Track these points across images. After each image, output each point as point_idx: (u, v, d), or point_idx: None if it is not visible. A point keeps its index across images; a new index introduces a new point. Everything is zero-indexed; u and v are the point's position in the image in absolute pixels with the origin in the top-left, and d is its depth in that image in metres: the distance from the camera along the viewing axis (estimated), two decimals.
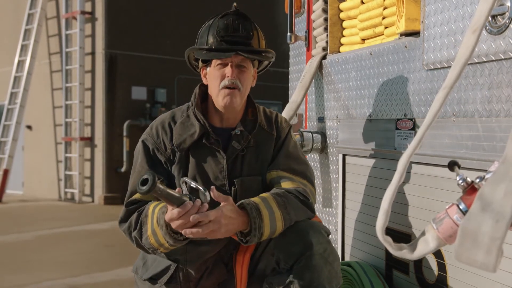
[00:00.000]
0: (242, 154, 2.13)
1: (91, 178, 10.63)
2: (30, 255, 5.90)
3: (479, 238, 1.16)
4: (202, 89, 2.21)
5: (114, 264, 5.46)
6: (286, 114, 2.87)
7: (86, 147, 10.71)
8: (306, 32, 3.12)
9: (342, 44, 2.90)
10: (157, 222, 1.90)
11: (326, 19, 2.90)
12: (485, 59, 1.81)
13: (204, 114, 2.14)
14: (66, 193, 11.00)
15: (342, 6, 2.87)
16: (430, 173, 2.10)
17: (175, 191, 1.78)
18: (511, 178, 1.16)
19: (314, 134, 2.91)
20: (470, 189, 1.29)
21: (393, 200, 1.32)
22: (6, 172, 11.04)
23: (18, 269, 5.33)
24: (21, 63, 11.47)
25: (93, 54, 10.57)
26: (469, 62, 1.45)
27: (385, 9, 2.48)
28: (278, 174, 2.13)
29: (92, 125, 10.65)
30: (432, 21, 2.06)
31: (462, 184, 1.29)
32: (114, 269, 5.27)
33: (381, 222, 1.32)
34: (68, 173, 10.94)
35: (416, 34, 2.22)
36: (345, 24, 2.88)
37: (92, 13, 10.59)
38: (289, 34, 3.11)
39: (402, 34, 2.29)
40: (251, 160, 2.14)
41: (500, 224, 1.14)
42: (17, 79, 11.51)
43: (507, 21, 1.70)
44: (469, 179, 1.29)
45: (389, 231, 2.23)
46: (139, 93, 10.65)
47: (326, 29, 2.91)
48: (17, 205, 10.37)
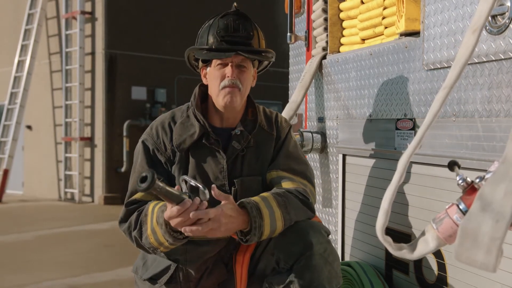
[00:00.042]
0: (242, 154, 2.13)
1: (91, 178, 10.63)
2: (30, 255, 5.90)
3: (479, 238, 1.16)
4: (202, 89, 2.21)
5: (114, 264, 5.46)
6: (286, 114, 2.87)
7: (86, 147, 10.71)
8: (306, 32, 3.12)
9: (342, 44, 2.90)
10: (156, 220, 1.90)
11: (326, 19, 2.90)
12: (485, 59, 1.81)
13: (204, 114, 2.14)
14: (66, 193, 11.00)
15: (342, 6, 2.87)
16: (430, 173, 2.10)
17: (174, 189, 1.77)
18: (511, 178, 1.16)
19: (314, 134, 2.91)
20: (470, 189, 1.29)
21: (393, 200, 1.32)
22: (6, 172, 11.04)
23: (18, 269, 5.33)
24: (21, 63, 11.47)
25: (93, 54, 10.57)
26: (469, 62, 1.45)
27: (385, 9, 2.48)
28: (278, 174, 2.13)
29: (92, 125, 10.65)
30: (432, 21, 2.06)
31: (462, 184, 1.29)
32: (114, 269, 5.27)
33: (381, 222, 1.32)
34: (68, 173, 10.94)
35: (416, 34, 2.22)
36: (345, 24, 2.88)
37: (92, 13, 10.59)
38: (289, 34, 3.11)
39: (402, 34, 2.29)
40: (251, 160, 2.14)
41: (500, 224, 1.14)
42: (17, 79, 11.51)
43: (507, 21, 1.70)
44: (469, 179, 1.29)
45: (389, 231, 2.23)
46: (139, 93, 10.65)
47: (326, 29, 2.91)
48: (17, 205, 10.37)
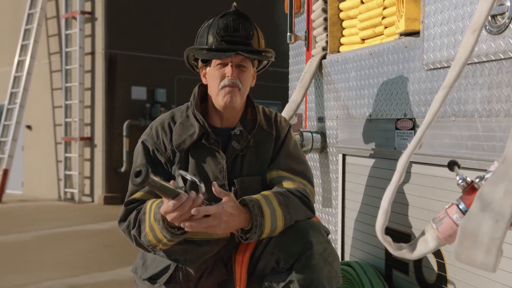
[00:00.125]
0: (241, 154, 2.13)
1: (91, 178, 10.63)
2: (30, 255, 5.90)
3: (479, 238, 1.16)
4: (202, 89, 2.21)
5: (113, 264, 5.46)
6: (286, 114, 2.87)
7: (86, 147, 10.71)
8: (306, 32, 3.12)
9: (341, 44, 2.90)
10: (154, 217, 1.90)
11: (325, 19, 2.90)
12: (484, 59, 1.80)
13: (203, 114, 2.14)
14: (66, 193, 11.00)
15: (342, 6, 2.86)
16: (430, 173, 2.10)
17: (170, 184, 1.75)
18: (511, 178, 1.15)
19: (314, 134, 2.91)
20: (470, 189, 1.28)
21: (392, 200, 1.32)
22: (6, 172, 11.03)
23: (18, 269, 5.32)
24: (21, 63, 11.47)
25: (93, 54, 10.57)
26: (468, 62, 1.45)
27: (384, 9, 2.48)
28: (279, 174, 2.13)
29: (92, 125, 10.64)
30: (432, 21, 2.06)
31: (462, 184, 1.29)
32: (114, 269, 5.27)
33: (380, 222, 1.32)
34: (68, 173, 10.94)
35: (416, 34, 2.22)
36: (345, 24, 2.87)
37: (92, 13, 10.58)
38: (289, 34, 3.11)
39: (402, 34, 2.29)
40: (251, 160, 2.14)
41: (499, 224, 1.14)
42: (17, 79, 11.51)
43: (507, 21, 1.70)
44: (468, 179, 1.29)
45: (388, 231, 2.23)
46: (139, 93, 10.64)
47: (325, 29, 2.91)
48: (16, 205, 10.36)
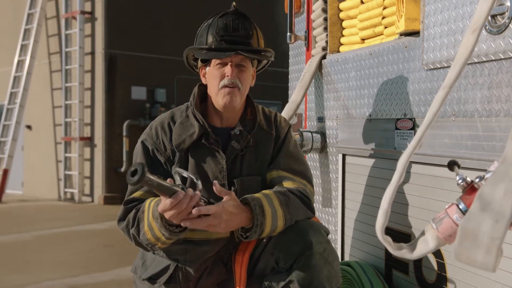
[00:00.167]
0: (241, 154, 2.13)
1: (91, 178, 10.63)
2: (30, 255, 5.90)
3: (479, 238, 1.16)
4: (201, 89, 2.21)
5: (113, 264, 5.46)
6: (285, 114, 2.86)
7: (85, 147, 10.71)
8: (305, 32, 3.12)
9: (341, 44, 2.90)
10: (152, 215, 1.89)
11: (325, 19, 2.90)
12: (484, 59, 1.80)
13: (203, 114, 2.14)
14: (65, 193, 11.00)
15: (342, 5, 2.86)
16: (430, 173, 2.09)
17: (167, 181, 1.75)
18: (511, 178, 1.15)
19: (314, 134, 2.91)
20: (470, 188, 1.28)
21: (392, 199, 1.31)
22: (5, 172, 11.03)
23: (18, 269, 5.32)
24: (20, 63, 11.47)
25: (92, 54, 10.57)
26: (468, 62, 1.45)
27: (384, 8, 2.48)
28: (279, 174, 2.13)
29: (91, 125, 10.64)
30: (432, 20, 2.06)
31: (462, 183, 1.29)
32: (114, 269, 5.27)
33: (380, 221, 1.32)
34: (67, 173, 10.94)
35: (415, 33, 2.22)
36: (344, 24, 2.87)
37: (91, 13, 10.58)
38: (288, 34, 3.11)
39: (401, 34, 2.28)
40: (251, 160, 2.14)
41: (499, 223, 1.14)
42: (16, 79, 11.51)
43: (507, 20, 1.70)
44: (468, 179, 1.29)
45: (388, 231, 2.23)
46: (139, 93, 10.64)
47: (325, 29, 2.91)
48: (16, 205, 10.36)
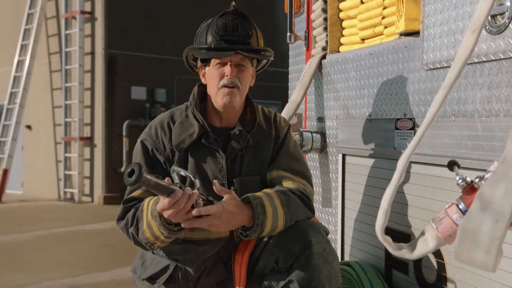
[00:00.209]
0: (241, 153, 2.13)
1: (91, 178, 10.63)
2: (30, 255, 5.90)
3: (479, 238, 1.16)
4: (201, 88, 2.21)
5: (113, 264, 5.46)
6: (285, 114, 2.86)
7: (85, 147, 10.71)
8: (305, 32, 3.12)
9: (341, 43, 2.90)
10: (151, 214, 1.89)
11: (325, 19, 2.90)
12: (484, 59, 1.80)
13: (203, 114, 2.14)
14: (65, 193, 10.99)
15: (342, 5, 2.86)
16: (429, 173, 2.09)
17: (164, 181, 1.75)
18: (511, 178, 1.15)
19: (314, 134, 2.91)
20: (470, 188, 1.28)
21: (392, 199, 1.31)
22: (5, 172, 11.03)
23: (18, 269, 5.32)
24: (20, 63, 11.46)
25: (92, 54, 10.57)
26: (468, 62, 1.45)
27: (384, 8, 2.48)
28: (279, 174, 2.13)
29: (91, 125, 10.64)
30: (431, 20, 2.06)
31: (462, 183, 1.29)
32: (114, 269, 5.27)
33: (380, 221, 1.32)
34: (67, 173, 10.94)
35: (415, 33, 2.22)
36: (344, 24, 2.87)
37: (91, 13, 10.58)
38: (288, 34, 3.11)
39: (401, 34, 2.28)
40: (250, 159, 2.14)
41: (499, 223, 1.14)
42: (16, 79, 11.50)
43: (507, 20, 1.70)
44: (468, 179, 1.29)
45: (388, 231, 2.23)
46: (139, 93, 10.64)
47: (325, 28, 2.91)
48: (16, 205, 10.36)
